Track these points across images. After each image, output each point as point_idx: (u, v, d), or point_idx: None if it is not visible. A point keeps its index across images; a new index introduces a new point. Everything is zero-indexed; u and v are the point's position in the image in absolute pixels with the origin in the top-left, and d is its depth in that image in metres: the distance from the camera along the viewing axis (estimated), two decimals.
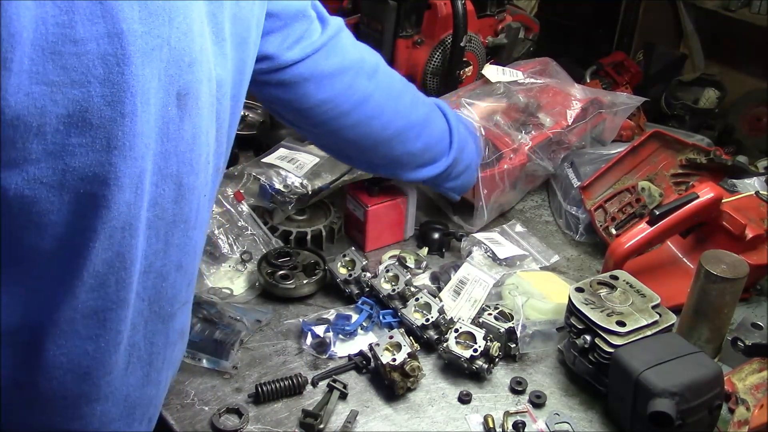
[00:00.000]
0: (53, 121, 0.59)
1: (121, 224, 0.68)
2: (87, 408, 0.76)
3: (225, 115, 0.80)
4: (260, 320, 1.16)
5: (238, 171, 1.41)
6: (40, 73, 0.57)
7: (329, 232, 1.35)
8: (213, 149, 0.78)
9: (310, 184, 1.37)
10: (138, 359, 0.79)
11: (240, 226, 1.30)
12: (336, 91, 1.09)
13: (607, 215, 1.37)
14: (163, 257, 0.75)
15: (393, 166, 1.24)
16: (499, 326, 1.10)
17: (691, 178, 1.41)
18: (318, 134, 1.19)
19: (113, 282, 0.70)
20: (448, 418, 1.03)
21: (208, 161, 0.77)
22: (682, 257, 1.30)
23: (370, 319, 1.17)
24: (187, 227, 0.77)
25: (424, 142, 1.21)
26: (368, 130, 1.15)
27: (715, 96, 1.80)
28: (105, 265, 0.69)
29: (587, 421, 1.04)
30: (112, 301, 0.71)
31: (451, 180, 1.29)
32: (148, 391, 0.83)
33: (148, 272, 0.75)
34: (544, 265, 1.31)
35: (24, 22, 0.54)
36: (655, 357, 0.97)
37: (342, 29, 1.10)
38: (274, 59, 1.00)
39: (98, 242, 0.67)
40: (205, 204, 0.80)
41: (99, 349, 0.73)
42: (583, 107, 1.48)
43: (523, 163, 1.41)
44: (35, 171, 0.61)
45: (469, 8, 1.53)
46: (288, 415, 1.02)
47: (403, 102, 1.18)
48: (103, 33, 0.59)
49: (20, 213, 0.62)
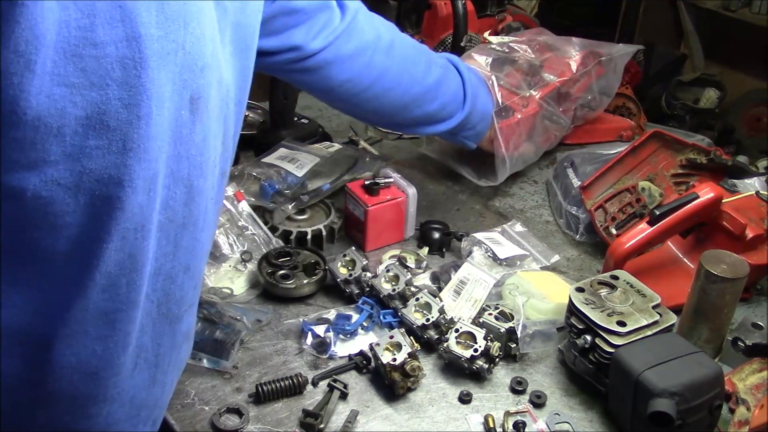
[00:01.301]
0: (72, 122, 0.60)
1: (134, 226, 0.68)
2: (94, 408, 0.76)
3: (231, 120, 0.81)
4: (260, 320, 1.16)
5: (238, 171, 1.41)
6: (61, 75, 0.58)
7: (329, 232, 1.35)
8: (220, 153, 0.79)
9: (310, 184, 1.37)
10: (145, 361, 0.79)
11: (240, 226, 1.30)
12: (356, 70, 1.15)
13: (608, 215, 1.37)
14: (172, 259, 0.76)
15: (413, 126, 1.32)
16: (499, 326, 1.10)
17: (691, 178, 1.41)
18: (340, 107, 1.28)
19: (124, 284, 0.71)
20: (449, 418, 1.03)
21: (215, 165, 0.78)
22: (682, 257, 1.30)
23: (370, 319, 1.17)
24: (195, 230, 0.77)
25: (440, 102, 1.27)
26: (387, 100, 1.22)
27: (715, 96, 1.80)
28: (117, 267, 0.69)
29: (587, 421, 1.04)
30: (122, 302, 0.72)
31: (467, 130, 1.35)
32: (154, 392, 0.83)
33: (158, 274, 0.75)
34: (544, 265, 1.31)
35: (48, 24, 0.55)
36: (656, 357, 0.97)
37: (359, 10, 1.15)
38: (300, 50, 1.06)
39: (111, 244, 0.67)
40: (212, 207, 0.81)
41: (108, 350, 0.73)
42: (583, 57, 1.52)
43: (536, 111, 1.46)
44: (53, 172, 0.61)
45: (469, 8, 1.53)
46: (288, 415, 1.02)
47: (419, 69, 1.24)
48: (122, 36, 0.60)
49: (36, 214, 0.63)
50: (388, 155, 1.63)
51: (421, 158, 1.63)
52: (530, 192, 1.56)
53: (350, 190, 1.34)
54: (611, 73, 1.58)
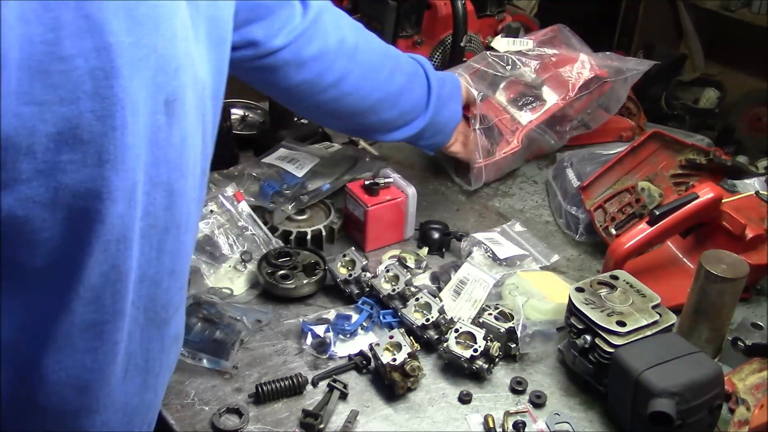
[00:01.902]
0: (43, 140, 0.58)
1: (115, 237, 0.67)
2: (87, 419, 0.75)
3: (209, 116, 0.79)
4: (260, 320, 1.16)
5: (238, 171, 1.41)
6: (28, 94, 0.56)
7: (329, 232, 1.35)
8: (200, 151, 0.77)
9: (309, 185, 1.37)
10: (135, 367, 0.78)
11: (240, 226, 1.30)
12: (315, 72, 1.14)
13: (607, 215, 1.37)
14: (156, 264, 0.75)
15: (367, 131, 1.33)
16: (499, 326, 1.10)
17: (691, 178, 1.41)
18: (296, 107, 1.28)
19: (109, 294, 0.69)
20: (448, 418, 1.03)
21: (196, 164, 0.76)
22: (682, 257, 1.30)
23: (370, 319, 1.17)
24: (179, 233, 0.76)
25: (399, 110, 1.27)
26: (344, 104, 1.21)
27: (715, 96, 1.80)
28: (101, 279, 0.68)
29: (587, 421, 1.04)
30: (108, 313, 0.70)
31: (424, 140, 1.35)
32: (147, 397, 0.82)
33: (142, 281, 0.74)
34: (544, 265, 1.31)
35: (9, 42, 0.53)
36: (655, 357, 0.97)
37: (324, 11, 1.13)
38: (259, 46, 1.04)
39: (93, 256, 0.66)
40: (194, 207, 0.79)
41: (97, 362, 0.72)
42: (588, 81, 1.51)
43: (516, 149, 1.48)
44: (27, 191, 0.59)
45: (469, 8, 1.53)
46: (288, 415, 1.02)
47: (381, 76, 1.23)
48: (91, 48, 0.58)
49: (12, 232, 0.61)
50: (388, 155, 1.63)
51: (421, 158, 1.63)
52: (530, 192, 1.56)
53: (350, 191, 1.34)
54: (618, 90, 1.57)
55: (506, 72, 1.49)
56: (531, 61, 1.52)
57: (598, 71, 1.52)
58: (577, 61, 1.52)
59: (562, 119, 1.51)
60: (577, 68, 1.52)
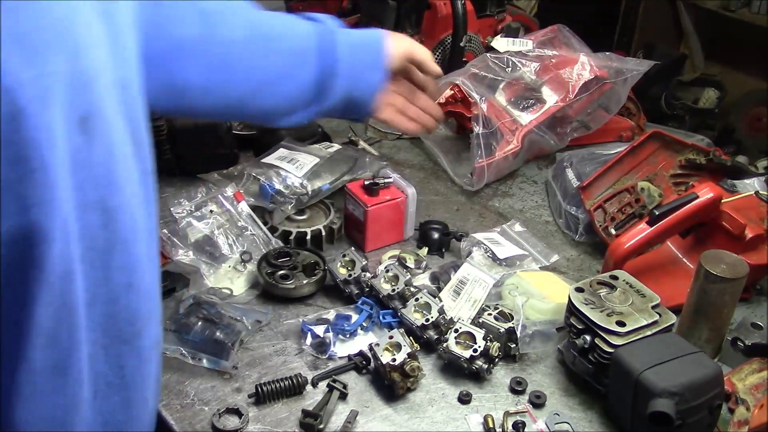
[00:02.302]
0: None
1: (58, 275, 0.63)
2: None
3: (137, 113, 0.73)
4: (260, 320, 1.16)
5: (238, 171, 1.41)
6: None
7: (329, 232, 1.35)
8: (133, 155, 0.72)
9: (310, 184, 1.37)
10: (108, 386, 0.75)
11: (240, 226, 1.31)
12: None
13: (607, 215, 1.37)
14: (106, 284, 0.70)
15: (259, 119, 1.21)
16: (499, 326, 1.10)
17: (691, 178, 1.41)
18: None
19: (65, 330, 0.66)
20: (448, 418, 1.03)
21: (131, 170, 0.72)
22: (682, 257, 1.30)
23: (370, 319, 1.17)
24: (126, 246, 0.71)
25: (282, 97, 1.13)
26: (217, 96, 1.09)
27: (715, 96, 1.80)
28: (53, 320, 0.64)
29: (587, 421, 1.04)
30: (67, 349, 0.67)
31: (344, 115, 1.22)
32: (133, 412, 0.79)
33: (93, 303, 0.70)
34: (544, 265, 1.31)
35: None
36: (655, 357, 0.97)
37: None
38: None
39: (38, 302, 0.62)
40: (140, 213, 0.74)
41: (67, 396, 0.70)
42: (587, 82, 1.51)
43: (517, 149, 1.47)
44: None
45: (469, 8, 1.53)
46: (288, 415, 1.02)
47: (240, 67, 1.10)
48: None
49: None
50: (388, 155, 1.63)
51: (421, 158, 1.63)
52: (530, 192, 1.56)
53: (350, 191, 1.34)
54: (618, 90, 1.57)
55: (506, 75, 1.49)
56: (531, 63, 1.52)
57: (598, 72, 1.52)
58: (577, 63, 1.52)
59: (563, 120, 1.51)
60: (577, 69, 1.52)
